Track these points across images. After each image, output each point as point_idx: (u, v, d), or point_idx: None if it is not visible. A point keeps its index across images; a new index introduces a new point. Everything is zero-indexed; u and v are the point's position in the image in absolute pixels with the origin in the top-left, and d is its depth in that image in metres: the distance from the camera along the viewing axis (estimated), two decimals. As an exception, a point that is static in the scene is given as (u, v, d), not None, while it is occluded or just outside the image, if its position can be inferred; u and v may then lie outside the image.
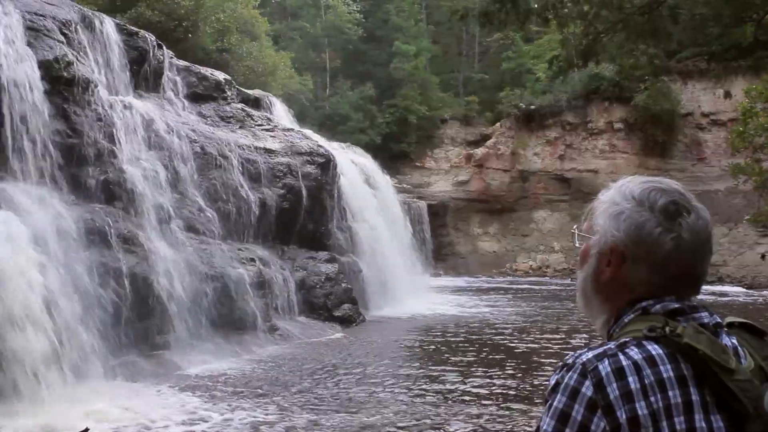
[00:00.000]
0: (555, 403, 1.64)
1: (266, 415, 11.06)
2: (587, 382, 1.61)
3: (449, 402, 11.82)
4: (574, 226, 1.93)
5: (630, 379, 1.59)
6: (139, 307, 14.24)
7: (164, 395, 12.22)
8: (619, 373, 1.60)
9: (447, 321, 21.15)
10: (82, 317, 12.38)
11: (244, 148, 19.70)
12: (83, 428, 6.02)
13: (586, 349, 1.67)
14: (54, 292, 11.77)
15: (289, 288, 18.97)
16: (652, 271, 1.73)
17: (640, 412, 1.57)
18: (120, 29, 18.39)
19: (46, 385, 11.01)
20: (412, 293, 25.33)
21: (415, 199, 36.13)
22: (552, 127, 38.68)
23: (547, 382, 1.71)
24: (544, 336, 18.27)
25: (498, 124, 40.42)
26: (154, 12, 29.00)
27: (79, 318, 12.26)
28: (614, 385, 1.59)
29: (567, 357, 1.69)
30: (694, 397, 1.60)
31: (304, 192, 20.63)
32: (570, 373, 1.64)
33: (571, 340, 17.49)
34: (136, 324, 14.13)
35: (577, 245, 1.88)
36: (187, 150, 17.90)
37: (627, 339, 1.67)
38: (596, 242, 1.80)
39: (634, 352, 1.62)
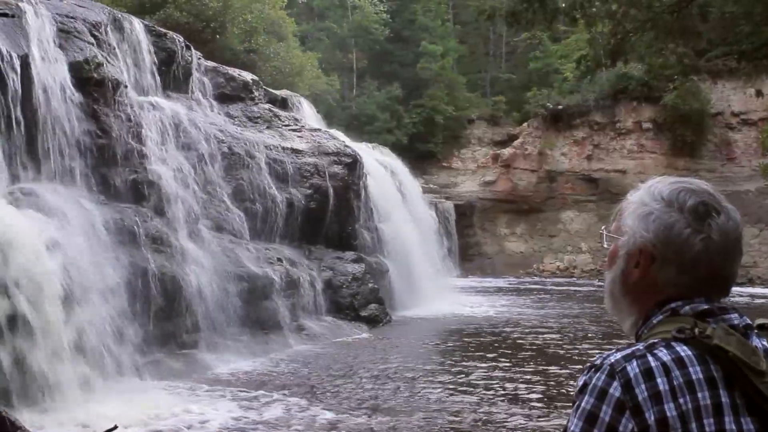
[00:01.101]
0: (582, 404, 1.63)
1: (293, 413, 11.10)
2: (615, 383, 1.60)
3: (477, 403, 11.79)
4: (603, 227, 1.92)
5: (659, 380, 1.58)
6: (168, 306, 14.36)
7: (192, 394, 12.30)
8: (648, 374, 1.59)
9: (474, 321, 21.10)
10: (112, 316, 12.50)
11: (271, 149, 19.79)
12: (111, 426, 6.06)
13: (614, 350, 1.66)
14: (83, 291, 11.89)
15: (315, 288, 19.02)
16: (681, 272, 1.72)
17: (668, 414, 1.56)
18: (149, 30, 18.55)
19: (76, 383, 11.12)
20: (439, 293, 25.28)
21: (441, 200, 36.08)
22: (579, 127, 38.45)
23: (575, 384, 1.71)
24: (574, 337, 18.18)
25: (525, 124, 40.25)
26: (183, 13, 29.19)
27: (108, 317, 12.37)
28: (643, 386, 1.58)
29: (595, 358, 1.68)
30: (724, 399, 1.59)
31: (331, 192, 20.68)
32: (598, 374, 1.63)
33: (602, 342, 17.38)
34: (164, 323, 14.24)
35: (605, 246, 1.87)
36: (214, 150, 18.02)
37: (656, 340, 1.66)
38: (625, 243, 1.79)
39: (663, 354, 1.61)
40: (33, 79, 13.23)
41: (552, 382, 13.20)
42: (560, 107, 38.47)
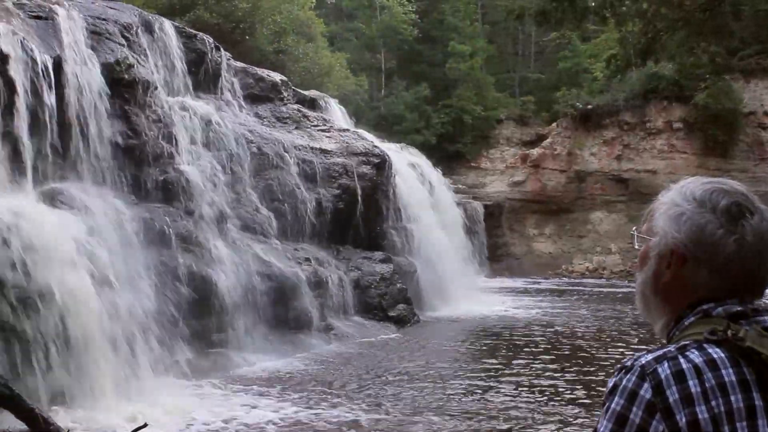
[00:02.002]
0: (613, 406, 1.62)
1: (321, 413, 11.12)
2: (646, 385, 1.59)
3: (508, 404, 11.74)
4: (634, 228, 1.91)
5: (690, 382, 1.56)
6: (197, 305, 14.45)
7: (222, 392, 12.37)
8: (679, 376, 1.57)
9: (503, 322, 21.02)
10: (142, 315, 12.60)
11: (300, 149, 19.86)
12: (142, 424, 6.12)
13: (644, 352, 1.65)
14: (115, 290, 12.01)
15: (344, 288, 19.05)
16: (714, 273, 1.70)
17: (700, 416, 1.54)
18: (179, 32, 18.69)
19: (106, 382, 11.23)
20: (467, 294, 25.21)
21: (470, 200, 35.97)
22: (609, 127, 38.14)
23: (606, 385, 1.70)
24: (607, 338, 18.05)
25: (554, 124, 40.02)
26: (212, 14, 29.38)
27: (139, 316, 12.48)
28: (674, 388, 1.56)
29: (625, 359, 1.67)
30: (757, 402, 1.57)
31: (359, 192, 20.70)
32: (628, 376, 1.62)
33: (635, 344, 17.25)
34: (194, 322, 14.33)
35: (636, 247, 1.86)
36: (244, 150, 18.11)
37: (687, 342, 1.64)
38: (656, 244, 1.78)
39: (695, 355, 1.60)
40: (65, 80, 13.38)
41: (583, 384, 13.12)
42: (590, 107, 38.20)
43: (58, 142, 13.30)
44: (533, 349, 16.64)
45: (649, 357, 1.62)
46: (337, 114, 25.91)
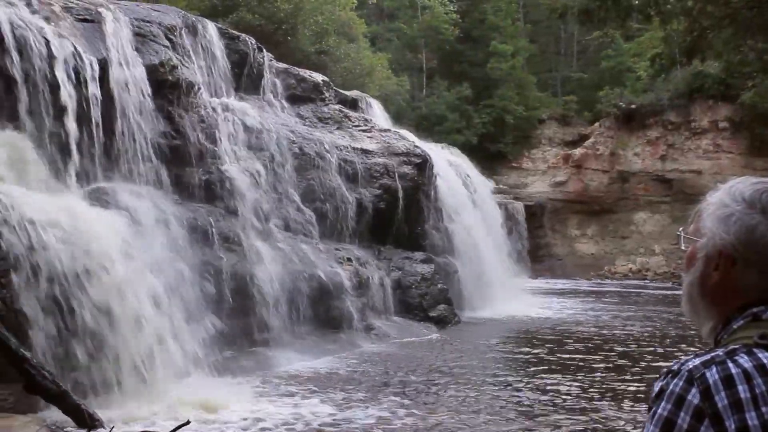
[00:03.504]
0: (659, 411, 1.60)
1: (361, 412, 11.13)
2: (693, 390, 1.56)
3: (546, 409, 11.65)
4: (680, 229, 1.88)
5: (740, 387, 1.53)
6: (239, 304, 14.56)
7: (263, 391, 12.44)
8: (728, 381, 1.54)
9: (545, 323, 20.87)
10: (186, 313, 12.74)
11: (341, 149, 19.92)
12: (185, 421, 6.19)
13: (692, 356, 1.62)
14: (159, 288, 12.15)
15: (385, 288, 19.06)
16: (764, 275, 1.67)
17: (750, 423, 1.51)
18: (222, 33, 18.87)
19: (150, 379, 11.36)
20: (508, 295, 25.09)
21: (511, 200, 35.83)
22: (653, 127, 37.72)
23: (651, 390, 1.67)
24: (652, 341, 17.83)
25: (597, 124, 39.68)
26: (255, 16, 29.61)
27: (182, 314, 12.61)
28: (723, 393, 1.53)
29: (672, 363, 1.64)
30: (808, 409, 1.53)
31: (400, 192, 20.70)
32: (675, 380, 1.59)
33: (682, 347, 17.03)
34: (235, 321, 14.44)
35: (683, 248, 1.83)
36: (285, 151, 18.21)
37: (736, 346, 1.61)
38: (704, 245, 1.75)
39: (744, 360, 1.56)
40: (111, 81, 13.58)
41: (627, 388, 12.96)
42: (633, 106, 37.82)
43: (104, 143, 13.50)
44: (579, 350, 16.48)
45: (697, 361, 1.59)
46: (378, 114, 25.95)
